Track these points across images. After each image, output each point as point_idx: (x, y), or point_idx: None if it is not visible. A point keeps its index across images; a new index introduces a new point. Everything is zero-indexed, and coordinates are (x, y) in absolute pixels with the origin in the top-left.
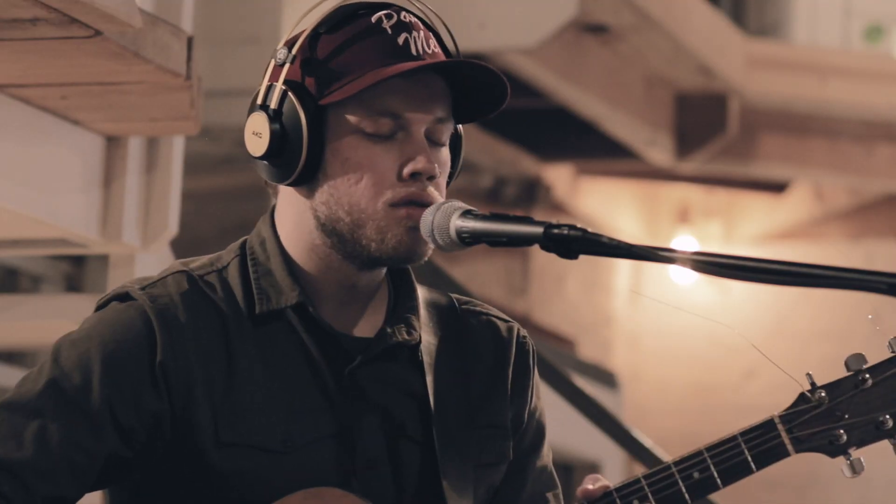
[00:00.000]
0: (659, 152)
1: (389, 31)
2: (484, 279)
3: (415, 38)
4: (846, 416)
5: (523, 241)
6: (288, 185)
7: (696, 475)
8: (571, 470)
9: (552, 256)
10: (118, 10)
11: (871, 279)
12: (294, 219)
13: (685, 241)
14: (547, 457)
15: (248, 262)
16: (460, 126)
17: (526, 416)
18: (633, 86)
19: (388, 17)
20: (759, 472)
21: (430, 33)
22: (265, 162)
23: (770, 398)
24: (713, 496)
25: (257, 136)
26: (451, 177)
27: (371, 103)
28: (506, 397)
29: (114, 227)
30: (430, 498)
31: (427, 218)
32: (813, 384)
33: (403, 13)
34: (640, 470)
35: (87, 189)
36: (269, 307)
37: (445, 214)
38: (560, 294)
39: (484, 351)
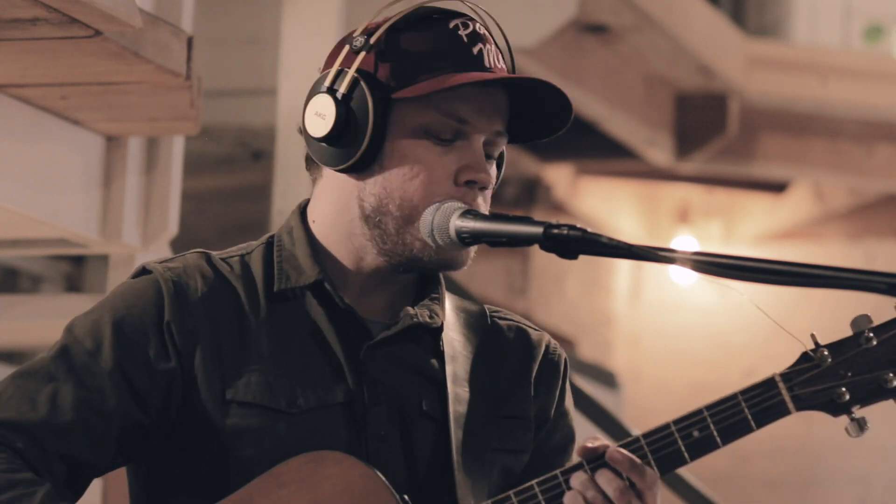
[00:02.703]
0: (659, 152)
1: (465, 39)
2: (484, 279)
3: (488, 50)
4: (849, 375)
5: (523, 241)
6: (340, 170)
7: (695, 434)
8: None
9: (552, 256)
10: (118, 10)
11: (871, 279)
12: (336, 205)
13: (685, 241)
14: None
15: (273, 248)
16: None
17: (552, 413)
18: (633, 86)
19: (465, 25)
20: (759, 469)
21: (497, 48)
22: (322, 144)
23: None
24: (713, 495)
25: (320, 117)
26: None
27: (440, 105)
28: (529, 392)
29: (114, 227)
30: (441, 474)
31: (427, 218)
32: (816, 343)
33: (477, 25)
34: None
35: (87, 189)
36: (288, 285)
37: (445, 214)
38: (560, 294)
39: (510, 352)
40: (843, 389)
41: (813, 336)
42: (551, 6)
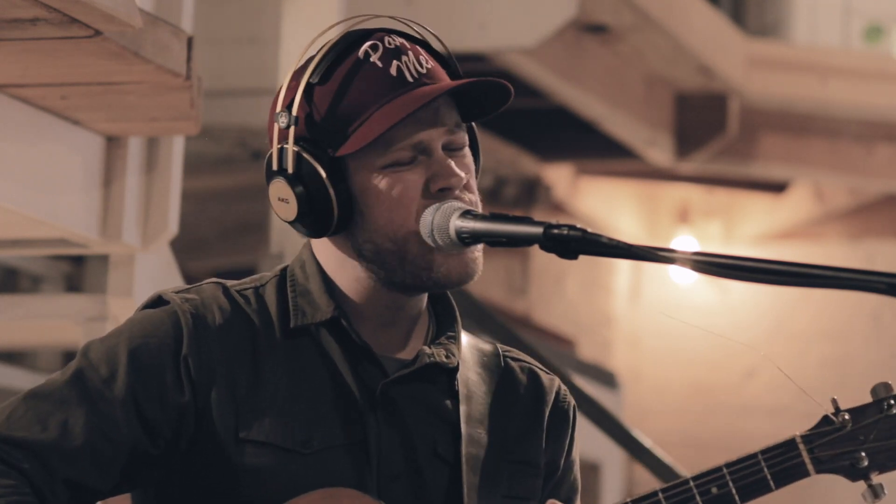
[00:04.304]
0: (659, 152)
1: (379, 63)
2: (484, 279)
3: (405, 62)
4: (869, 441)
5: (523, 241)
6: (328, 236)
7: (714, 490)
8: None
9: (552, 256)
10: (118, 10)
11: (871, 279)
12: (337, 260)
13: (685, 241)
14: None
15: (286, 282)
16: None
17: (562, 464)
18: (633, 86)
19: (374, 48)
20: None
21: (419, 47)
22: (298, 224)
23: (770, 398)
24: None
25: (284, 202)
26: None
27: (383, 143)
28: (541, 439)
29: (114, 227)
30: None
31: (426, 218)
32: (837, 408)
33: (387, 39)
34: (640, 470)
35: (87, 189)
36: (304, 321)
37: (445, 215)
38: (560, 294)
39: (523, 394)
40: (863, 454)
41: (834, 401)
42: (551, 6)
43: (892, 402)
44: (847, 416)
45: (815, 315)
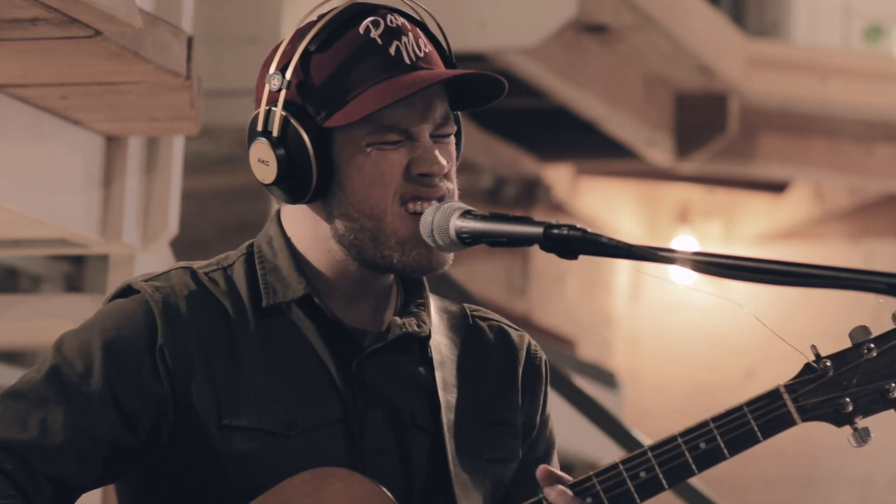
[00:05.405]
0: (659, 152)
1: (379, 41)
2: (484, 279)
3: (405, 43)
4: (852, 386)
5: (523, 242)
6: (303, 203)
7: (702, 445)
8: (571, 470)
9: (552, 256)
10: (118, 10)
11: (871, 279)
12: (309, 231)
13: (685, 241)
14: (556, 466)
15: (255, 260)
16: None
17: (538, 421)
18: (633, 86)
19: (375, 24)
20: (758, 469)
21: (419, 30)
22: (275, 187)
23: None
24: (713, 495)
25: (264, 163)
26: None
27: (373, 122)
28: (516, 398)
29: (114, 227)
30: (438, 486)
31: (427, 218)
32: (818, 355)
33: (389, 17)
34: None
35: (87, 189)
36: (276, 300)
37: (445, 215)
38: (560, 294)
39: (495, 354)
40: (847, 400)
41: (814, 347)
42: (551, 6)
43: (871, 345)
44: (828, 363)
45: (815, 315)
